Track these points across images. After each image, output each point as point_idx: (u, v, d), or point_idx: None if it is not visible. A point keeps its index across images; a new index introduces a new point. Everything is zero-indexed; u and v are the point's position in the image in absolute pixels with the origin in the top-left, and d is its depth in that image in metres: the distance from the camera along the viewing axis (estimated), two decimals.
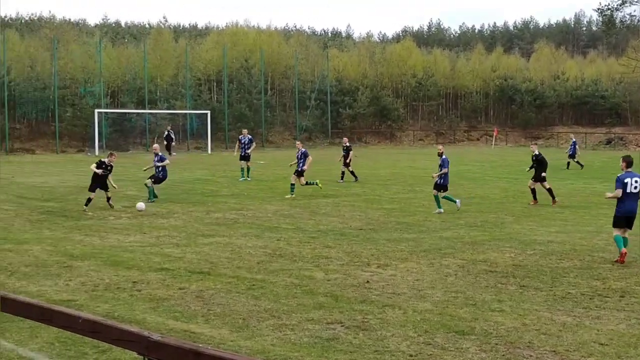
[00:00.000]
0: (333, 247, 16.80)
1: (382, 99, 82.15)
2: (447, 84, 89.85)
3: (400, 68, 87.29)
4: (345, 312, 11.14)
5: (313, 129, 76.83)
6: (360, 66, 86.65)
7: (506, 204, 25.76)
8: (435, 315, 10.99)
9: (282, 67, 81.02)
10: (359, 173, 35.15)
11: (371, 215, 22.50)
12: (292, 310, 11.20)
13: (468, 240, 17.91)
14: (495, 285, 13.11)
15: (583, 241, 17.92)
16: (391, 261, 15.18)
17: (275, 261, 15.11)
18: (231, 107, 71.53)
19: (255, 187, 31.38)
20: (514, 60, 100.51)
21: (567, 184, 33.72)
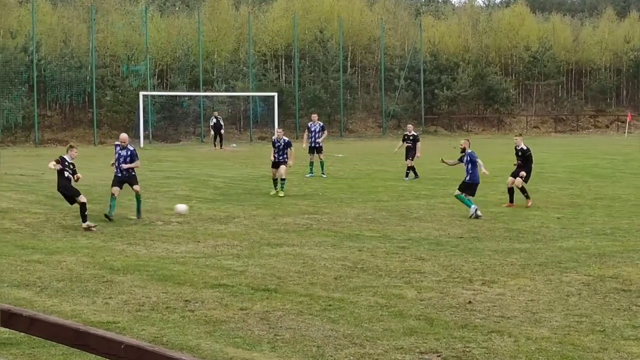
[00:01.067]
0: (427, 260, 16.75)
1: (487, 78, 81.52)
2: (568, 59, 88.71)
3: (510, 39, 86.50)
4: (442, 339, 11.10)
5: (403, 114, 76.63)
6: (460, 37, 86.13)
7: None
8: (554, 344, 10.88)
9: (364, 39, 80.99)
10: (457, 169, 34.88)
11: (474, 221, 22.36)
12: (377, 337, 11.20)
13: (595, 252, 17.67)
14: (629, 307, 12.91)
15: None
16: (499, 277, 15.07)
17: (356, 276, 15.13)
18: (303, 89, 71.86)
19: (332, 185, 31.47)
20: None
21: None
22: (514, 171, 26.45)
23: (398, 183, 32.14)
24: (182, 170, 37.41)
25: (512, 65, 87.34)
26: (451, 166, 26.27)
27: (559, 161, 43.07)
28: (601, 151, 52.77)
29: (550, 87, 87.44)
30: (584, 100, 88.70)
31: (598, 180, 33.85)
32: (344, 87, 73.53)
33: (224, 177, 34.43)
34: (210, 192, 28.88)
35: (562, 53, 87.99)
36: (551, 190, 30.01)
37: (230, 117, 68.07)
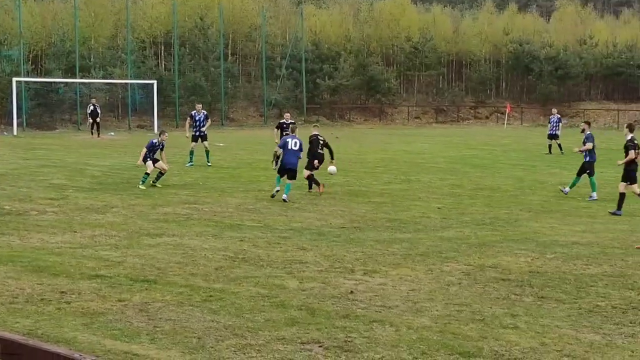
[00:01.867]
0: (309, 250, 16.79)
1: (369, 68, 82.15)
2: (449, 50, 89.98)
3: (391, 29, 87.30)
4: (323, 329, 11.14)
5: (284, 103, 76.60)
6: (342, 27, 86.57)
7: (521, 197, 25.89)
8: (435, 334, 11.01)
9: (246, 27, 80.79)
10: (343, 158, 35.11)
11: (356, 211, 22.51)
12: (258, 328, 11.18)
13: (475, 242, 17.97)
14: (508, 296, 13.16)
15: (614, 242, 18.03)
16: (380, 267, 15.20)
17: (237, 267, 15.08)
18: (183, 77, 71.31)
19: (213, 175, 31.31)
20: (530, 20, 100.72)
21: (597, 172, 33.84)
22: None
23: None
24: (58, 159, 36.75)
25: (394, 56, 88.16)
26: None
27: (439, 151, 43.70)
28: (481, 142, 53.71)
29: (431, 77, 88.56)
30: (465, 92, 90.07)
31: (478, 170, 34.43)
32: (225, 75, 73.17)
33: (101, 165, 33.92)
34: (87, 181, 28.43)
35: (443, 44, 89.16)
36: (432, 180, 30.40)
37: (108, 104, 67.17)
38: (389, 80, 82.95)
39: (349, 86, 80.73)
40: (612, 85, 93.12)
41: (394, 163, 37.18)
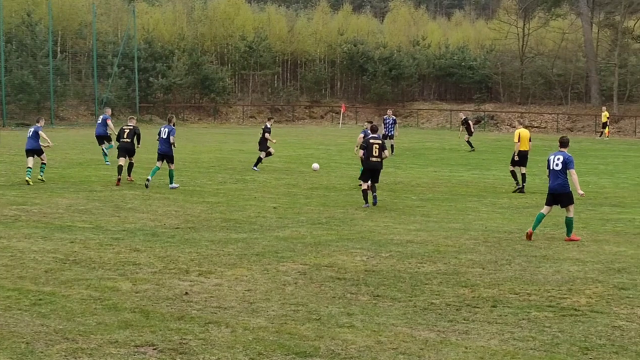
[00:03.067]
0: (143, 251, 16.61)
1: (203, 67, 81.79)
2: (284, 49, 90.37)
3: (226, 28, 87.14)
4: (158, 331, 11.03)
5: (117, 102, 75.49)
6: (176, 25, 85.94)
7: (357, 197, 26.15)
8: (271, 334, 11.02)
9: (75, 24, 79.33)
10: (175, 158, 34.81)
11: (191, 211, 22.40)
12: (90, 331, 10.99)
13: (311, 241, 18.09)
14: (344, 295, 13.28)
15: (448, 241, 18.43)
16: (216, 267, 15.15)
17: (68, 269, 14.81)
18: (9, 74, 69.44)
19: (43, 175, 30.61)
20: (365, 21, 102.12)
21: (430, 171, 34.61)
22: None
23: (112, 173, 31.65)
24: None
25: (228, 55, 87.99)
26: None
27: (275, 151, 43.87)
28: (316, 141, 54.12)
29: (266, 77, 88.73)
30: (300, 91, 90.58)
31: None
32: (54, 73, 71.66)
33: None
34: None
35: (278, 44, 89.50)
36: (267, 180, 30.47)
37: None
38: (223, 79, 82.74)
39: (183, 85, 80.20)
40: (445, 86, 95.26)
41: (229, 162, 37.15)
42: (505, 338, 11.07)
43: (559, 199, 19.26)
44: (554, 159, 19.37)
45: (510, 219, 21.94)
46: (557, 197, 19.28)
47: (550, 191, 19.39)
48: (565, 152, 19.42)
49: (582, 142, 59.90)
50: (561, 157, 19.22)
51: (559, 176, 19.18)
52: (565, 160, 19.13)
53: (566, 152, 19.41)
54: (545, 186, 20.09)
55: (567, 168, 19.10)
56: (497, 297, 13.25)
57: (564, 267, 15.67)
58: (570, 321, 11.92)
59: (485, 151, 46.50)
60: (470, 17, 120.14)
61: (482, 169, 36.44)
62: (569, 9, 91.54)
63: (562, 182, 19.14)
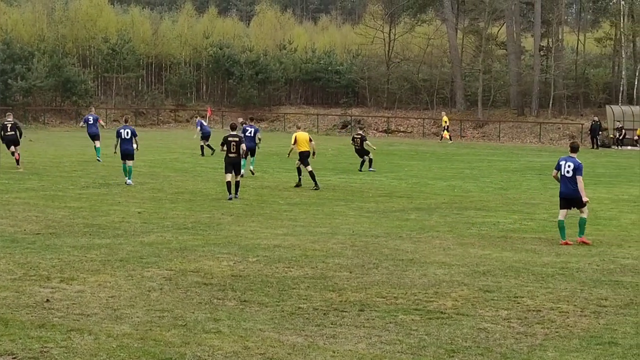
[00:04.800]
0: (1, 257, 16.28)
1: (65, 69, 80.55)
2: (148, 52, 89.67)
3: (88, 30, 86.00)
4: (18, 340, 10.80)
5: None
6: (36, 26, 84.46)
7: (223, 201, 26.12)
8: (136, 341, 10.90)
9: None
10: (35, 162, 34.21)
11: (52, 216, 22.02)
12: None
13: (176, 246, 17.96)
14: (211, 300, 13.21)
15: (316, 245, 18.50)
16: (78, 274, 14.92)
17: None
18: None
19: None
20: (230, 24, 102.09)
21: (295, 176, 34.71)
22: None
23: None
24: None
25: (91, 57, 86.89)
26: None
27: (139, 155, 43.44)
28: (182, 145, 53.88)
29: (130, 80, 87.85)
30: (165, 94, 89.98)
31: (179, 174, 34.51)
32: None
33: None
34: None
35: (142, 46, 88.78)
36: (132, 184, 30.13)
37: None
38: (85, 82, 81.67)
39: (44, 87, 78.86)
40: (312, 90, 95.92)
41: (91, 167, 36.63)
42: (373, 342, 11.16)
43: (573, 202, 19.87)
44: (565, 165, 19.88)
45: (377, 223, 22.15)
46: (570, 201, 19.89)
47: (563, 196, 19.94)
48: (575, 158, 19.92)
49: (448, 147, 61.03)
50: (572, 165, 19.73)
51: (571, 182, 19.75)
52: (575, 167, 19.67)
53: (576, 159, 19.89)
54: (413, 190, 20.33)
55: (575, 174, 19.67)
56: (365, 301, 13.35)
57: (431, 270, 15.89)
58: (436, 324, 12.08)
59: (352, 156, 46.85)
60: (337, 22, 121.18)
61: (349, 173, 36.75)
62: (434, 15, 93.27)
63: (574, 187, 19.69)
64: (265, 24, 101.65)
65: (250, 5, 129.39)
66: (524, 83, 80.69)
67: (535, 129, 72.94)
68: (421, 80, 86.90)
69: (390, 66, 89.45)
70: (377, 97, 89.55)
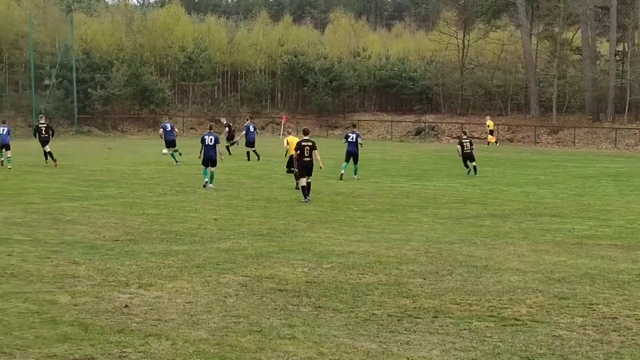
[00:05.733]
0: (82, 264, 16.47)
1: (143, 78, 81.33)
2: (224, 60, 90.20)
3: (165, 39, 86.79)
4: (97, 344, 10.94)
5: (54, 113, 75.01)
6: (114, 36, 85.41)
7: (298, 208, 26.18)
8: (212, 346, 10.98)
9: (12, 34, 78.51)
10: (113, 169, 34.65)
11: (130, 223, 22.24)
12: (28, 345, 10.89)
13: (252, 253, 18.04)
14: (285, 306, 13.26)
15: (389, 251, 18.47)
16: (156, 280, 15.06)
17: (5, 282, 14.65)
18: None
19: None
20: (305, 32, 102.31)
21: (371, 182, 34.71)
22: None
23: (50, 185, 31.44)
24: None
25: (168, 66, 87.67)
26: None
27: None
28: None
29: (206, 88, 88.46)
30: (240, 102, 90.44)
31: (254, 181, 34.68)
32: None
33: None
34: None
35: (218, 54, 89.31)
36: (208, 191, 30.38)
37: None
38: (163, 90, 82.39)
39: (122, 96, 79.71)
40: (385, 97, 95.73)
41: (169, 174, 36.96)
42: (447, 348, 11.13)
43: None
44: None
45: (451, 230, 22.05)
46: None
47: None
48: None
49: (522, 153, 60.52)
50: None
51: None
52: None
53: None
54: (487, 196, 20.22)
55: None
56: (439, 308, 13.31)
57: (505, 277, 15.79)
58: (511, 331, 12.01)
59: (426, 162, 46.74)
60: (411, 29, 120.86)
61: (423, 180, 36.62)
62: (508, 21, 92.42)
63: None
64: (339, 31, 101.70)
65: (325, 13, 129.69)
66: (599, 88, 79.56)
67: (610, 135, 71.95)
68: (495, 86, 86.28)
69: (464, 72, 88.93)
70: (451, 103, 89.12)
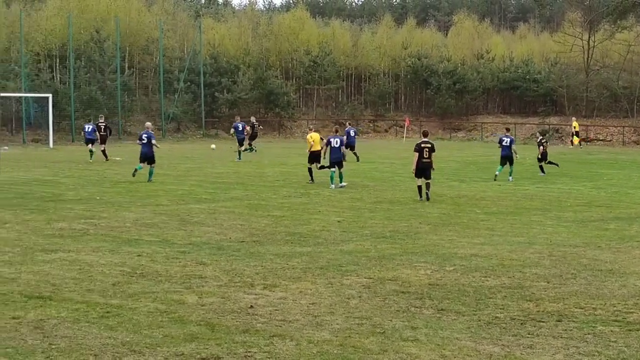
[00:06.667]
0: (208, 264, 16.69)
1: (268, 81, 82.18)
2: (348, 64, 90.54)
3: (290, 43, 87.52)
4: (223, 344, 11.07)
5: (182, 117, 76.41)
6: (241, 40, 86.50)
7: (421, 210, 26.09)
8: (335, 347, 11.02)
9: (142, 40, 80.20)
10: (239, 172, 35.05)
11: (256, 225, 22.45)
12: (156, 343, 11.07)
13: (375, 255, 18.04)
14: (408, 309, 13.23)
15: (512, 255, 18.27)
16: (280, 281, 15.17)
17: (135, 282, 14.92)
18: (78, 90, 70.39)
19: (109, 189, 30.97)
20: (429, 35, 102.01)
21: (494, 185, 34.39)
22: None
23: (178, 187, 31.97)
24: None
25: (293, 69, 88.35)
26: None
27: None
28: (380, 155, 54.12)
29: (330, 91, 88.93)
30: (364, 105, 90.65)
31: (377, 183, 34.67)
32: (121, 88, 72.55)
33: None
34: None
35: (342, 58, 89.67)
36: (332, 193, 30.50)
37: (2, 118, 66.14)
38: (288, 93, 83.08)
39: (248, 100, 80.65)
40: (509, 99, 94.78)
41: (293, 177, 37.20)
42: (571, 353, 10.96)
43: None
44: None
45: (576, 233, 21.70)
46: None
47: None
48: None
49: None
50: None
51: None
52: None
53: None
54: (613, 199, 19.85)
55: None
56: (562, 311, 13.12)
57: (630, 281, 15.47)
58: (636, 336, 11.76)
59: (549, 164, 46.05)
60: (535, 30, 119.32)
61: (546, 183, 36.12)
62: (635, 21, 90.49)
63: None
64: (462, 34, 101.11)
65: (448, 15, 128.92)
66: None
67: None
68: (621, 88, 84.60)
69: (589, 74, 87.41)
70: (576, 105, 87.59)
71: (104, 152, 45.88)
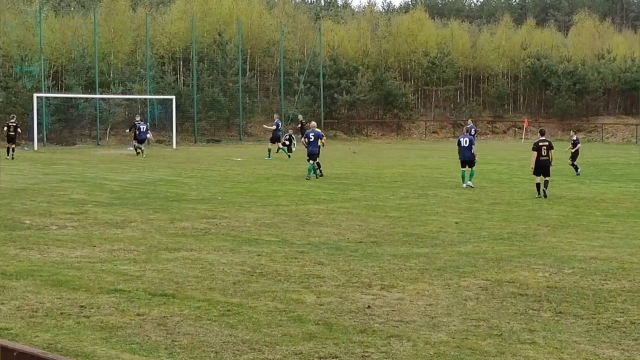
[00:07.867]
0: (326, 264, 16.77)
1: (387, 83, 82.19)
2: (466, 64, 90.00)
3: (409, 44, 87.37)
4: (341, 344, 11.12)
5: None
6: (360, 42, 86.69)
7: (539, 212, 25.80)
8: (452, 349, 10.98)
9: (264, 42, 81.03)
10: (357, 173, 35.14)
11: (373, 225, 22.48)
12: (275, 342, 11.18)
13: (492, 257, 17.91)
14: (526, 311, 13.11)
15: (633, 258, 17.93)
16: (398, 282, 15.17)
17: (255, 281, 15.08)
18: (201, 92, 71.49)
19: (230, 190, 31.36)
20: (548, 35, 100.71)
21: (615, 187, 33.80)
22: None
23: (297, 187, 32.21)
24: (78, 174, 36.88)
25: (411, 71, 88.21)
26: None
27: (456, 166, 43.63)
28: (498, 157, 53.65)
29: (448, 92, 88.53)
30: (482, 106, 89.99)
31: (495, 185, 34.39)
32: (243, 90, 73.37)
33: (120, 180, 34.07)
34: (106, 196, 28.53)
35: (461, 59, 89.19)
36: (449, 195, 30.37)
37: (127, 120, 67.55)
38: (406, 95, 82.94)
39: (367, 101, 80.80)
40: (631, 99, 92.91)
41: (411, 178, 37.15)
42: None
43: None
44: None
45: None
46: None
47: None
48: None
49: None
50: None
51: None
52: None
53: None
54: None
55: None
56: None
57: None
58: None
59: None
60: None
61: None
62: None
63: None
64: (583, 34, 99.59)
65: (569, 15, 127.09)
66: None
67: None
68: None
69: None
70: None
71: (11, 150, 47.89)
